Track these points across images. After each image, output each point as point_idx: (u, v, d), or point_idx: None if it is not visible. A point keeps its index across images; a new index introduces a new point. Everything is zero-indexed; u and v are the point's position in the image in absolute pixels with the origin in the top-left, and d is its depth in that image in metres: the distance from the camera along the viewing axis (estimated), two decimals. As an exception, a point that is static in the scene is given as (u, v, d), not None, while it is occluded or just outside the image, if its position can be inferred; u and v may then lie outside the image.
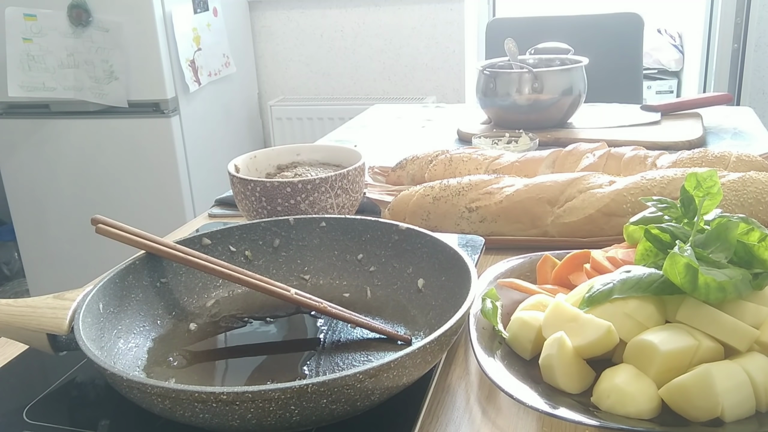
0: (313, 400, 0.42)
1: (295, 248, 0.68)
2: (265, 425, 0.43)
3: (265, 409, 0.42)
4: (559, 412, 0.47)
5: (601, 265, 0.60)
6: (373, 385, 0.44)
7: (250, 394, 0.41)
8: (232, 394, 0.41)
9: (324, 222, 0.68)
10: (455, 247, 0.60)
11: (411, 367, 0.46)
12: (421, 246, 0.64)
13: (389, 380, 0.45)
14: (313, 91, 2.75)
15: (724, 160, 0.89)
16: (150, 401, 0.44)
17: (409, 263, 0.64)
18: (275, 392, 0.41)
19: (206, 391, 0.41)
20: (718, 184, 0.55)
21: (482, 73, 1.33)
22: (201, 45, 2.36)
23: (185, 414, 0.43)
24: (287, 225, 0.68)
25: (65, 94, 2.26)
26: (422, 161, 1.01)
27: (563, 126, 1.32)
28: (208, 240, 0.65)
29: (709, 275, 0.49)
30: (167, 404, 0.43)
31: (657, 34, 3.37)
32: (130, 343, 0.56)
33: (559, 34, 1.59)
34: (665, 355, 0.48)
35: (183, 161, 2.33)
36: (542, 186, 0.81)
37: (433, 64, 2.63)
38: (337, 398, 0.43)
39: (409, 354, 0.45)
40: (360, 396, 0.44)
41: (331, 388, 0.42)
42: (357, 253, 0.67)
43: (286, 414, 0.42)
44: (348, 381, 0.42)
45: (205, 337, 0.60)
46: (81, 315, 0.51)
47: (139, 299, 0.59)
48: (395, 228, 0.65)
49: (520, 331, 0.56)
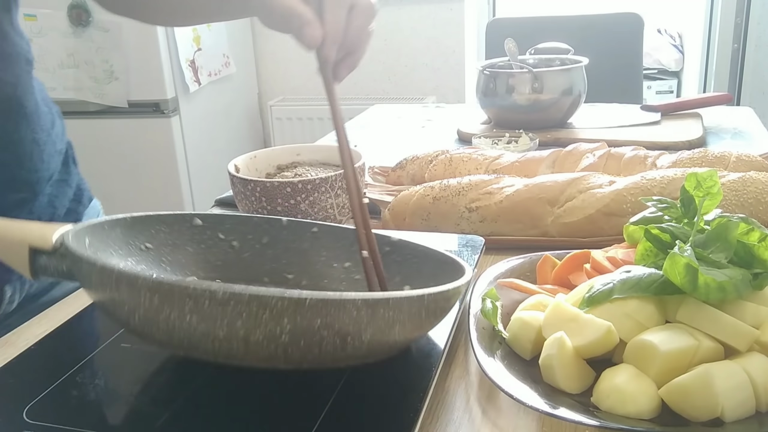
0: (307, 316, 0.41)
1: (283, 248, 0.67)
2: (251, 340, 0.42)
3: (258, 317, 0.40)
4: (559, 412, 0.47)
5: (601, 265, 0.60)
6: (367, 319, 0.43)
7: (248, 296, 0.40)
8: (228, 293, 0.39)
9: (316, 227, 0.67)
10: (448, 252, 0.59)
11: (406, 315, 0.45)
12: (411, 257, 0.63)
13: (383, 320, 0.44)
14: (313, 91, 2.75)
15: (724, 160, 0.89)
16: (137, 298, 0.42)
17: (397, 273, 0.63)
18: (273, 298, 0.40)
19: (201, 286, 0.40)
20: (718, 184, 0.55)
21: (482, 73, 1.33)
22: (201, 45, 2.36)
23: (170, 316, 0.41)
24: (279, 225, 0.67)
25: (65, 94, 2.26)
26: (422, 161, 1.01)
27: (563, 126, 1.32)
28: (200, 221, 0.64)
29: (709, 275, 0.49)
30: (155, 301, 0.41)
31: (657, 34, 3.37)
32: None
33: (559, 34, 1.59)
34: (665, 355, 0.48)
35: (183, 161, 2.34)
36: (542, 186, 0.81)
37: (433, 64, 2.63)
38: (331, 322, 0.42)
39: (408, 298, 0.44)
40: (352, 329, 0.43)
41: (328, 308, 0.41)
42: (345, 261, 0.66)
43: (277, 328, 0.41)
44: (346, 304, 0.42)
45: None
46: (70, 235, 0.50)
47: (121, 254, 0.58)
48: (387, 239, 0.64)
49: (520, 331, 0.56)
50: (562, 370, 0.51)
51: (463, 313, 0.63)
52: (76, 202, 0.88)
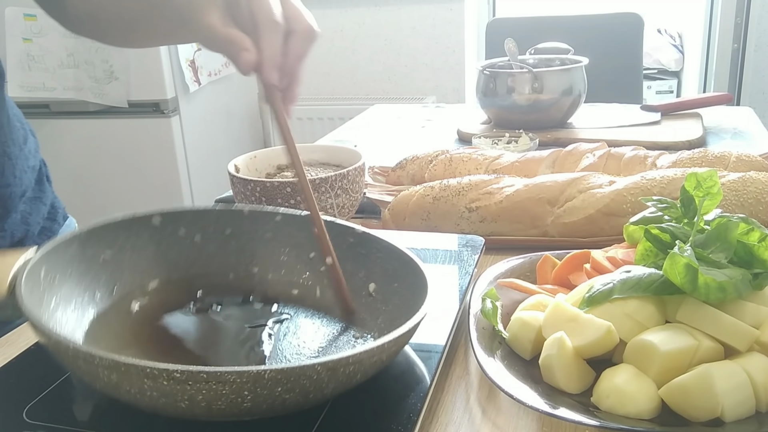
0: (268, 387, 0.41)
1: (247, 239, 0.66)
2: (213, 409, 0.42)
3: (218, 392, 0.40)
4: (559, 412, 0.47)
5: (601, 265, 0.61)
6: (328, 378, 0.43)
7: (205, 374, 0.39)
8: (186, 372, 0.39)
9: (279, 216, 0.66)
10: (411, 254, 0.59)
11: (367, 365, 0.45)
12: (376, 251, 0.62)
13: (345, 375, 0.44)
14: (313, 91, 2.75)
15: (724, 160, 0.89)
16: (94, 374, 0.41)
17: (362, 267, 0.63)
18: (231, 375, 0.40)
19: (159, 367, 0.39)
20: (718, 184, 0.55)
21: (482, 73, 1.33)
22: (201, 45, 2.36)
23: (131, 391, 0.41)
24: (241, 215, 0.66)
25: (65, 94, 2.26)
26: (422, 161, 1.01)
27: (563, 126, 1.32)
28: (159, 218, 0.63)
29: (709, 275, 0.49)
30: (113, 378, 0.41)
31: (657, 34, 3.37)
32: (68, 316, 0.54)
33: (559, 34, 1.59)
34: (665, 355, 0.48)
35: (183, 161, 2.33)
36: (542, 186, 0.81)
37: (433, 64, 2.63)
38: (292, 387, 0.42)
39: (368, 351, 0.44)
40: (314, 388, 0.43)
41: (288, 377, 0.41)
42: (309, 251, 0.65)
43: (238, 399, 0.41)
44: (306, 371, 0.42)
45: (146, 320, 0.58)
46: (23, 279, 0.49)
47: (81, 271, 0.57)
48: (352, 231, 0.64)
49: (520, 331, 0.56)
50: (562, 370, 0.51)
51: (463, 313, 0.63)
52: (51, 220, 0.87)
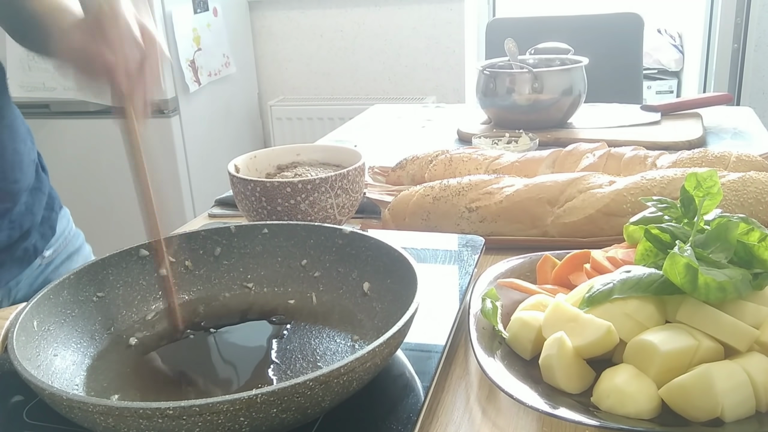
0: (262, 410, 0.41)
1: (237, 256, 0.67)
2: None
3: (214, 423, 0.40)
4: (559, 412, 0.47)
5: (601, 265, 0.61)
6: (323, 392, 0.43)
7: (197, 407, 0.39)
8: (179, 408, 0.39)
9: (266, 229, 0.67)
10: (399, 249, 0.59)
11: (361, 372, 0.45)
12: (365, 249, 0.63)
13: (339, 386, 0.44)
14: (313, 91, 2.75)
15: (724, 160, 0.89)
16: (92, 420, 0.42)
17: (354, 267, 0.63)
18: (223, 404, 0.40)
19: (151, 407, 0.39)
20: (718, 184, 0.55)
21: (482, 73, 1.33)
22: (201, 45, 2.36)
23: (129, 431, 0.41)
24: (228, 233, 0.67)
25: (65, 94, 2.26)
26: (422, 161, 1.01)
27: (563, 126, 1.32)
28: (146, 251, 0.64)
29: (709, 275, 0.49)
30: (110, 422, 0.41)
31: (657, 34, 3.37)
32: (68, 360, 0.54)
33: (559, 34, 1.59)
34: (665, 355, 0.48)
35: (183, 161, 2.33)
36: (542, 186, 0.81)
37: (433, 64, 2.63)
38: (287, 407, 0.42)
39: (359, 358, 0.44)
40: (311, 403, 0.43)
41: (281, 397, 0.41)
42: (301, 258, 0.66)
43: (236, 426, 0.41)
44: (298, 389, 0.41)
45: (146, 352, 0.58)
46: (15, 334, 0.49)
47: (75, 315, 0.57)
48: (339, 232, 0.64)
49: (520, 331, 0.56)
50: (562, 370, 0.51)
51: (463, 313, 0.63)
52: (49, 209, 0.88)
